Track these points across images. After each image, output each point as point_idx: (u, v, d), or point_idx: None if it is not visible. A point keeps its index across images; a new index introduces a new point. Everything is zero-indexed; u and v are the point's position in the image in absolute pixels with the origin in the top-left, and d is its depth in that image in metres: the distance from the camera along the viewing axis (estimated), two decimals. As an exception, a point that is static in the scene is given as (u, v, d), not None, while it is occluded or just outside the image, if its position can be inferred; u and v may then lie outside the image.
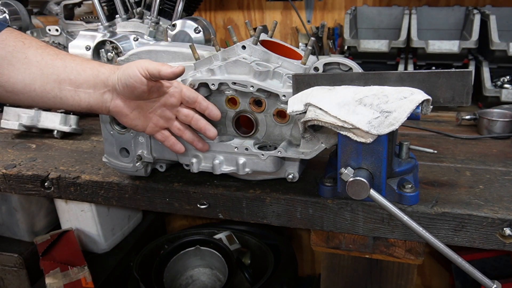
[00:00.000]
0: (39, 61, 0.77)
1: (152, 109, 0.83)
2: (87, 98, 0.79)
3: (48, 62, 0.78)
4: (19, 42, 0.77)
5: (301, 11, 1.86)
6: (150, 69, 0.76)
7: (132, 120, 0.83)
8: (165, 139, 0.87)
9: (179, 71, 0.77)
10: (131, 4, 1.47)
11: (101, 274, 1.56)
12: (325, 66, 0.83)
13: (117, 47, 1.35)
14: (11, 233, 1.63)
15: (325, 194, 0.86)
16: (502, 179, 0.92)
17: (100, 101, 0.80)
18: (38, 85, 0.77)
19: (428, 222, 0.81)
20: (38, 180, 1.05)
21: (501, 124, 1.18)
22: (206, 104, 0.84)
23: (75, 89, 0.78)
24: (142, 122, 0.84)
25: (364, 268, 0.96)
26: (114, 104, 0.80)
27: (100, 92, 0.79)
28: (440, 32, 1.65)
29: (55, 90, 0.78)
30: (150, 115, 0.84)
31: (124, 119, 0.83)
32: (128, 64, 0.78)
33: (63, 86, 0.78)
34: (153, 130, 0.85)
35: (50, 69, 0.77)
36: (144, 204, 1.00)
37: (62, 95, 0.78)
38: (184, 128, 0.86)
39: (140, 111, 0.83)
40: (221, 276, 1.67)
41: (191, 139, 0.86)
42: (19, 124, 1.30)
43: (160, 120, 0.85)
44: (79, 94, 0.79)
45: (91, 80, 0.79)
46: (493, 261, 1.63)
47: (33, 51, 0.78)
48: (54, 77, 0.77)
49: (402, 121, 0.69)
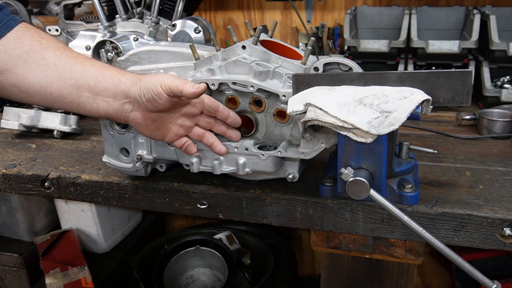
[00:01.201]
0: (57, 63, 0.75)
1: (172, 119, 0.82)
2: (106, 106, 0.77)
3: (66, 66, 0.75)
4: (36, 41, 0.75)
5: (301, 11, 1.86)
6: (173, 87, 0.74)
7: (152, 131, 0.82)
8: (182, 145, 0.85)
9: (201, 91, 0.75)
10: (131, 4, 1.47)
11: (101, 274, 1.56)
12: (325, 66, 0.83)
13: (117, 47, 1.35)
14: (11, 233, 1.63)
15: (325, 194, 0.86)
16: (502, 179, 0.92)
17: (119, 111, 0.78)
18: (55, 88, 0.75)
19: (428, 222, 0.81)
20: (38, 180, 1.05)
21: (501, 124, 1.18)
22: (228, 112, 0.83)
23: (93, 96, 0.76)
24: (161, 133, 0.82)
25: (364, 268, 0.96)
26: (134, 116, 0.79)
27: (121, 102, 0.77)
28: (440, 32, 1.65)
29: (72, 95, 0.76)
30: (170, 125, 0.82)
31: (143, 130, 0.81)
32: (151, 78, 0.76)
33: (81, 92, 0.75)
34: (172, 139, 0.84)
35: (68, 73, 0.75)
36: (144, 204, 1.00)
37: (79, 101, 0.76)
38: (204, 132, 0.85)
39: (160, 122, 0.81)
40: (221, 276, 1.67)
41: (210, 143, 0.84)
42: (19, 124, 1.30)
43: (180, 129, 0.83)
44: (98, 102, 0.77)
45: (111, 89, 0.76)
46: (493, 261, 1.63)
47: (51, 53, 0.75)
48: (72, 82, 0.75)
49: (402, 121, 0.69)
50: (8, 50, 0.73)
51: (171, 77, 0.76)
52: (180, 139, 0.84)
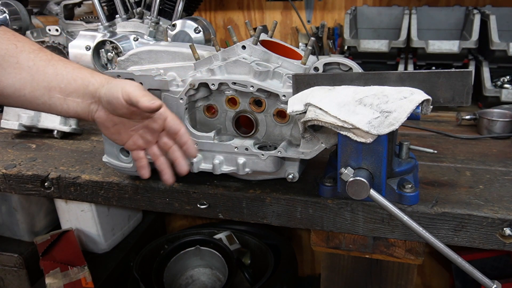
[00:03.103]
0: (30, 66, 0.77)
1: (134, 128, 0.83)
2: (75, 106, 0.79)
3: (39, 69, 0.77)
4: (12, 45, 0.77)
5: (301, 11, 1.86)
6: (131, 96, 0.75)
7: (113, 134, 0.83)
8: (138, 159, 0.85)
9: (155, 107, 0.74)
10: (131, 4, 1.47)
11: (101, 274, 1.56)
12: (325, 66, 0.83)
13: (117, 47, 1.35)
14: (11, 233, 1.63)
15: (325, 194, 0.86)
16: (502, 179, 0.92)
17: (86, 110, 0.80)
18: (28, 90, 0.77)
19: (428, 222, 0.81)
20: (38, 180, 1.05)
21: (501, 124, 1.18)
22: (186, 140, 0.81)
23: (64, 97, 0.78)
24: (121, 138, 0.83)
25: (364, 268, 0.96)
26: (98, 115, 0.80)
27: (88, 102, 0.80)
28: (440, 32, 1.65)
29: (44, 97, 0.78)
30: (131, 133, 0.83)
31: (105, 131, 0.83)
32: (116, 83, 0.78)
33: (52, 93, 0.78)
34: (131, 147, 0.85)
35: (41, 76, 0.77)
36: (144, 204, 1.00)
37: (51, 102, 0.78)
38: (159, 155, 0.84)
39: (122, 126, 0.82)
40: (221, 276, 1.67)
41: (161, 168, 0.84)
42: (19, 124, 1.30)
43: (139, 140, 0.84)
44: (68, 103, 0.79)
45: (80, 90, 0.79)
46: (493, 261, 1.63)
47: (25, 56, 0.77)
48: (45, 84, 0.77)
49: (402, 121, 0.69)
50: None
51: (134, 86, 0.77)
52: (138, 152, 0.84)
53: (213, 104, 0.92)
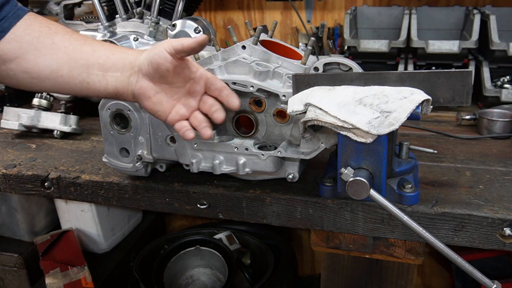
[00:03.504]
0: (66, 46, 0.76)
1: (177, 96, 0.81)
2: (114, 81, 0.78)
3: (76, 48, 0.77)
4: (45, 27, 0.76)
5: (301, 11, 1.86)
6: (174, 45, 0.75)
7: (155, 104, 0.80)
8: (182, 128, 0.82)
9: (202, 40, 0.75)
10: (131, 4, 1.47)
11: (101, 274, 1.56)
12: (325, 66, 0.83)
13: (117, 47, 1.35)
14: (11, 233, 1.63)
15: (325, 194, 0.86)
16: (502, 179, 0.92)
17: (126, 83, 0.79)
18: (65, 70, 0.76)
19: (428, 222, 0.81)
20: (38, 180, 1.05)
21: (501, 124, 1.18)
22: (227, 93, 0.81)
23: (103, 73, 0.77)
24: (164, 108, 0.81)
25: (364, 268, 0.96)
26: (139, 86, 0.79)
27: (127, 74, 0.78)
28: (440, 32, 1.65)
29: (82, 74, 0.77)
30: (174, 102, 0.81)
31: (146, 102, 0.80)
32: (155, 45, 0.78)
33: (91, 70, 0.77)
34: (174, 118, 0.82)
35: (78, 54, 0.77)
36: (144, 204, 1.00)
37: (89, 79, 0.77)
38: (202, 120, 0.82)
39: (164, 95, 0.80)
40: (221, 276, 1.67)
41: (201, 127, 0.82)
42: (19, 124, 1.30)
43: (182, 108, 0.82)
44: (107, 78, 0.78)
45: (119, 63, 0.78)
46: (493, 261, 1.63)
47: (60, 37, 0.77)
48: (83, 62, 0.76)
49: (402, 121, 0.69)
50: (18, 38, 0.74)
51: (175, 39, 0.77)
52: (181, 122, 0.82)
53: (213, 104, 0.92)
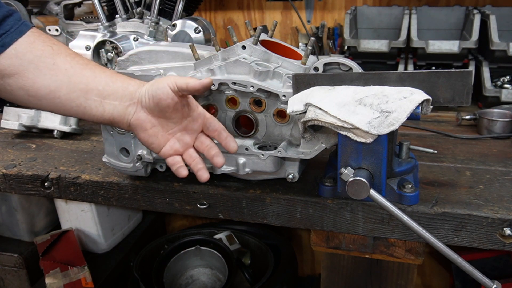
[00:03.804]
0: (67, 69, 0.76)
1: (172, 131, 0.81)
2: (111, 109, 0.78)
3: (77, 71, 0.76)
4: (48, 47, 0.76)
5: (301, 11, 1.86)
6: (178, 82, 0.75)
7: (150, 137, 0.80)
8: (174, 164, 0.83)
9: (207, 83, 0.76)
10: (131, 4, 1.47)
11: (101, 274, 1.56)
12: (325, 66, 0.83)
13: (117, 47, 1.35)
14: (11, 233, 1.63)
15: (325, 194, 0.86)
16: (502, 179, 0.92)
17: (123, 113, 0.78)
18: (63, 92, 0.75)
19: (428, 222, 0.81)
20: (38, 180, 1.05)
21: (501, 124, 1.18)
22: (226, 135, 0.82)
23: (101, 99, 0.77)
24: (159, 141, 0.81)
25: (364, 268, 0.96)
26: (136, 117, 0.78)
27: (125, 104, 0.78)
28: (440, 32, 1.65)
29: (80, 99, 0.76)
30: (168, 136, 0.81)
31: (142, 134, 0.80)
32: (158, 79, 0.78)
33: (89, 95, 0.76)
34: (167, 152, 0.82)
35: (78, 78, 0.76)
36: (144, 204, 1.00)
37: (86, 104, 0.76)
38: (195, 157, 0.83)
39: (160, 129, 0.80)
40: (221, 276, 1.67)
41: (197, 169, 0.83)
42: (19, 124, 1.30)
43: (177, 144, 0.82)
44: (104, 105, 0.77)
45: (119, 92, 0.77)
46: (493, 261, 1.63)
47: (62, 58, 0.76)
48: (82, 86, 0.76)
49: (402, 121, 0.69)
50: (20, 55, 0.73)
51: (178, 76, 0.78)
52: (174, 157, 0.82)
53: (213, 104, 0.92)
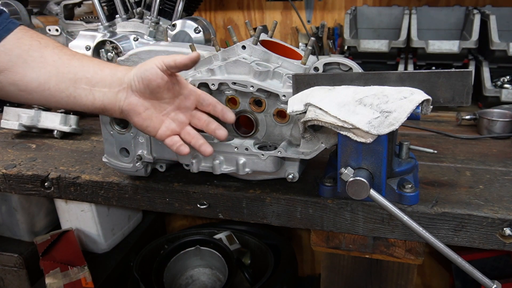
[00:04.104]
0: (55, 60, 0.77)
1: (166, 111, 0.81)
2: (101, 96, 0.78)
3: (64, 62, 0.77)
4: (35, 41, 0.77)
5: (301, 11, 1.86)
6: (165, 61, 0.76)
7: (144, 120, 0.80)
8: (173, 144, 0.83)
9: (195, 56, 0.77)
10: (131, 4, 1.47)
11: (101, 274, 1.56)
12: (325, 66, 0.83)
13: (117, 47, 1.35)
14: (11, 233, 1.63)
15: (325, 194, 0.86)
16: (502, 179, 0.92)
17: (114, 99, 0.78)
18: (52, 83, 0.76)
19: (428, 222, 0.81)
20: (38, 180, 1.05)
21: (501, 124, 1.18)
22: (221, 107, 0.83)
23: (90, 87, 0.77)
24: (154, 124, 0.81)
25: (364, 268, 0.96)
26: (128, 102, 0.78)
27: (115, 90, 0.78)
28: (440, 32, 1.65)
29: (69, 88, 0.77)
30: (163, 117, 0.81)
31: (136, 118, 0.80)
32: (145, 61, 0.79)
33: (78, 84, 0.77)
34: (164, 134, 0.82)
35: (67, 68, 0.77)
36: (144, 204, 1.00)
37: (76, 93, 0.77)
38: (194, 134, 0.83)
39: (153, 111, 0.80)
40: (221, 276, 1.67)
41: (198, 145, 0.83)
42: (19, 124, 1.30)
43: (172, 124, 0.82)
44: (94, 93, 0.78)
45: (108, 79, 0.78)
46: (493, 261, 1.63)
47: (50, 51, 0.77)
48: (71, 76, 0.77)
49: (402, 121, 0.69)
50: (8, 51, 0.75)
51: (165, 56, 0.78)
52: (172, 137, 0.82)
53: (213, 104, 0.92)
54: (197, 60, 0.78)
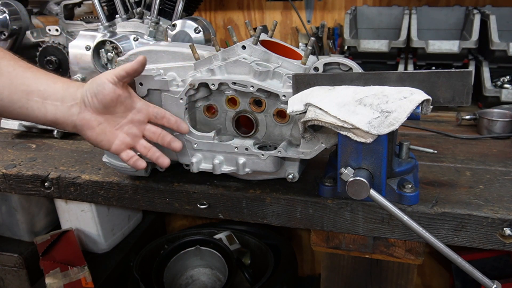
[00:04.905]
0: (10, 71, 0.77)
1: (119, 125, 0.82)
2: (53, 110, 0.78)
3: (18, 73, 0.78)
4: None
5: (301, 11, 1.86)
6: (116, 72, 0.77)
7: (98, 135, 0.81)
8: (129, 158, 0.84)
9: (141, 59, 0.79)
10: (131, 4, 1.46)
11: (101, 274, 1.56)
12: (325, 66, 0.83)
13: (117, 47, 1.35)
14: (11, 233, 1.63)
15: (325, 194, 0.86)
16: (502, 179, 0.92)
17: (66, 114, 0.79)
18: (5, 94, 0.76)
19: (428, 222, 0.81)
20: (38, 180, 1.05)
21: (501, 124, 1.18)
22: (175, 119, 0.85)
23: (42, 100, 0.78)
24: (108, 138, 0.82)
25: (364, 268, 0.96)
26: (81, 117, 0.79)
27: (68, 105, 0.79)
28: (440, 32, 1.65)
29: (22, 100, 0.77)
30: (116, 132, 0.82)
31: (89, 133, 0.81)
32: (97, 76, 0.80)
33: (31, 96, 0.77)
34: (118, 148, 0.83)
35: (20, 80, 0.77)
36: (144, 204, 1.00)
37: (28, 105, 0.77)
38: (149, 146, 0.85)
39: (107, 125, 0.81)
40: (221, 276, 1.67)
41: (155, 157, 0.85)
42: (19, 124, 1.30)
43: (126, 138, 0.83)
44: (46, 106, 0.78)
45: (60, 92, 0.78)
46: (493, 261, 1.63)
47: (6, 62, 0.77)
48: (24, 88, 0.77)
49: (402, 121, 0.69)
50: None
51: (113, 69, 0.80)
52: (127, 152, 0.83)
53: (213, 104, 0.92)
54: (145, 62, 0.80)
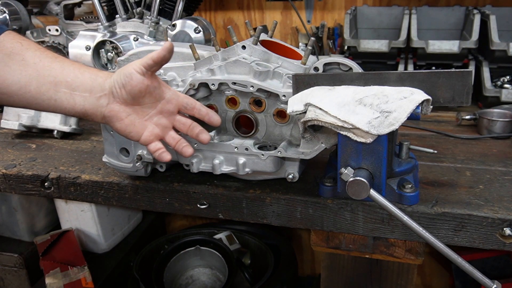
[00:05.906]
0: (36, 62, 0.76)
1: (149, 116, 0.81)
2: (82, 101, 0.77)
3: (45, 64, 0.76)
4: (17, 43, 0.76)
5: (301, 11, 1.86)
6: (143, 62, 0.76)
7: (127, 126, 0.80)
8: (156, 150, 0.83)
9: (168, 45, 0.76)
10: (131, 4, 1.47)
11: (101, 274, 1.56)
12: (325, 66, 0.83)
13: (117, 47, 1.35)
14: (11, 233, 1.63)
15: (325, 194, 0.86)
16: (502, 179, 0.92)
17: (95, 105, 0.78)
18: (33, 86, 0.75)
19: (428, 222, 0.81)
20: (38, 180, 1.05)
21: (501, 124, 1.18)
22: (206, 110, 0.83)
23: (71, 91, 0.77)
24: (137, 129, 0.81)
25: (364, 268, 0.96)
26: (110, 108, 0.78)
27: (96, 96, 0.78)
28: (440, 32, 1.65)
29: (50, 91, 0.76)
30: (146, 123, 0.81)
31: (118, 125, 0.80)
32: (124, 66, 0.78)
33: (59, 88, 0.76)
34: (147, 139, 0.82)
35: (47, 71, 0.76)
36: (144, 204, 1.00)
37: (57, 97, 0.77)
38: (178, 138, 0.84)
39: (136, 117, 0.80)
40: (221, 276, 1.67)
41: (181, 147, 0.83)
42: (19, 124, 1.30)
43: (155, 129, 0.82)
44: (75, 98, 0.77)
45: (88, 83, 0.77)
46: (493, 261, 1.63)
47: (31, 53, 0.77)
48: (51, 79, 0.76)
49: (402, 121, 0.69)
50: None
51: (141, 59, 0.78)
52: (155, 143, 0.82)
53: (213, 104, 0.92)
54: (171, 48, 0.77)
